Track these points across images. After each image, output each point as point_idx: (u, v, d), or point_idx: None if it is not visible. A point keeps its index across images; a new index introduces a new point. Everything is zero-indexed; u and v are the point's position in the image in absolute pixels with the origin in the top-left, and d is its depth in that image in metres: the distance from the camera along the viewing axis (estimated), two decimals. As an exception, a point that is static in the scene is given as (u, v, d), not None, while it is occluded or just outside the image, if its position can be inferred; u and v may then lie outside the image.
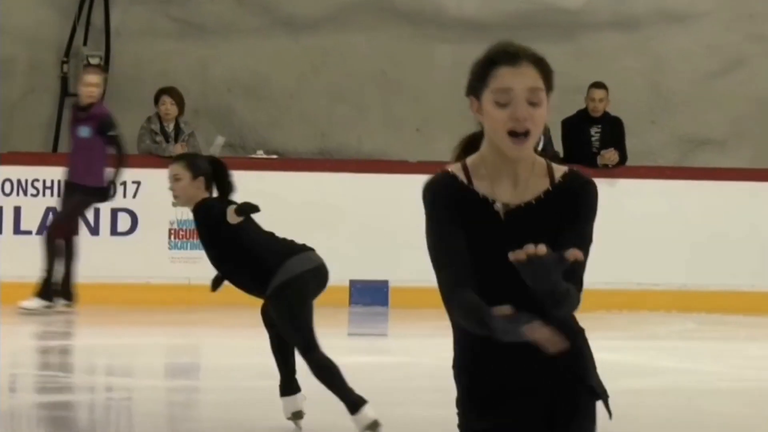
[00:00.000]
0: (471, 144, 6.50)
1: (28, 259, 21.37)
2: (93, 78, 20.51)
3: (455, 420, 10.42)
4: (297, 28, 25.29)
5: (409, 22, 25.31)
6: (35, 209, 22.08)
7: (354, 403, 12.11)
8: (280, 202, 21.54)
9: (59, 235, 21.47)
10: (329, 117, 25.31)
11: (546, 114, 6.33)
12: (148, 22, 25.09)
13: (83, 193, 21.36)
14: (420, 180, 20.54)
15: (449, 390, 14.70)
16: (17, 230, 22.09)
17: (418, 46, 25.31)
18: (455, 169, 6.34)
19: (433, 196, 6.34)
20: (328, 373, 12.32)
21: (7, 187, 22.07)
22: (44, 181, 22.18)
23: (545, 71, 6.42)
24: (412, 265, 20.75)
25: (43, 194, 22.18)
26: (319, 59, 25.24)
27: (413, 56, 25.24)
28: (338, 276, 21.21)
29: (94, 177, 21.33)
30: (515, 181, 6.28)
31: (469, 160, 6.36)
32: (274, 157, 24.01)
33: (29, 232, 21.96)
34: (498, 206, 6.14)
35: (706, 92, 25.59)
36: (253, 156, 23.95)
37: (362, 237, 22.34)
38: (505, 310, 5.99)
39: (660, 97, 25.59)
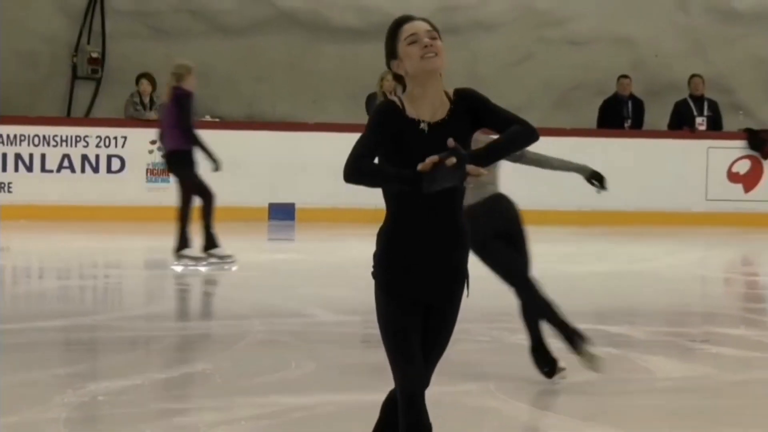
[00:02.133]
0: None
1: (50, 190, 22.05)
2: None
3: (349, 293, 11.08)
4: (231, 33, 25.11)
5: (307, 29, 25.21)
6: (55, 155, 22.20)
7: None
8: (223, 150, 22.67)
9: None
10: (254, 93, 25.03)
11: (442, 48, 6.27)
12: (132, 28, 24.87)
13: None
14: (316, 136, 21.37)
15: (339, 275, 15.09)
16: (43, 169, 22.13)
17: (314, 45, 25.21)
18: (395, 99, 6.16)
19: (378, 116, 6.16)
20: None
21: (36, 140, 22.10)
22: (61, 136, 22.25)
23: (431, 24, 6.32)
24: (311, 193, 22.19)
25: (60, 145, 22.25)
26: (246, 54, 24.97)
27: (310, 51, 25.15)
28: (261, 200, 22.38)
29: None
30: (432, 107, 6.12)
31: (402, 95, 6.19)
32: (218, 120, 23.82)
33: (51, 171, 22.17)
34: (423, 125, 6.03)
35: (508, 77, 25.41)
36: (204, 119, 22.71)
37: (277, 174, 22.55)
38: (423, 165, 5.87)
39: (475, 82, 25.17)
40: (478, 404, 8.48)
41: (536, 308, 9.17)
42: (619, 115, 24.64)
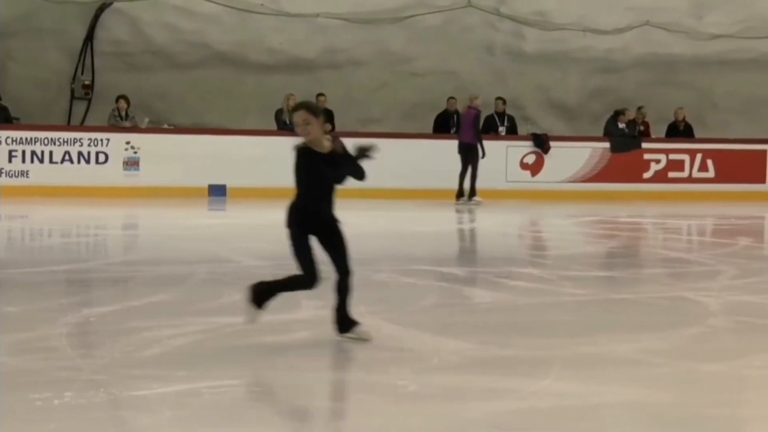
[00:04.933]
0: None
1: (56, 176, 21.63)
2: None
3: (264, 245, 10.96)
4: (182, 67, 24.75)
5: (234, 64, 24.90)
6: (59, 151, 21.69)
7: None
8: (176, 148, 22.18)
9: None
10: (198, 109, 24.58)
11: (312, 125, 6.95)
12: (113, 64, 24.47)
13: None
14: (241, 138, 21.23)
15: (256, 234, 14.98)
16: (51, 161, 21.69)
17: (238, 75, 24.86)
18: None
19: (298, 152, 7.04)
20: None
21: (46, 141, 21.69)
22: (63, 138, 21.79)
23: (310, 109, 6.98)
24: (238, 177, 22.17)
25: (63, 144, 21.71)
26: (193, 82, 24.60)
27: (236, 80, 24.80)
28: (203, 182, 22.38)
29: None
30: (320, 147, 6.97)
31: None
32: (173, 126, 23.49)
33: (57, 162, 21.73)
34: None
35: (372, 98, 25.46)
36: (163, 126, 23.42)
37: (214, 163, 22.11)
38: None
39: (349, 102, 24.92)
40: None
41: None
42: (447, 124, 24.66)
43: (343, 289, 7.55)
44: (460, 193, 22.04)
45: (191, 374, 6.48)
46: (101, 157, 22.15)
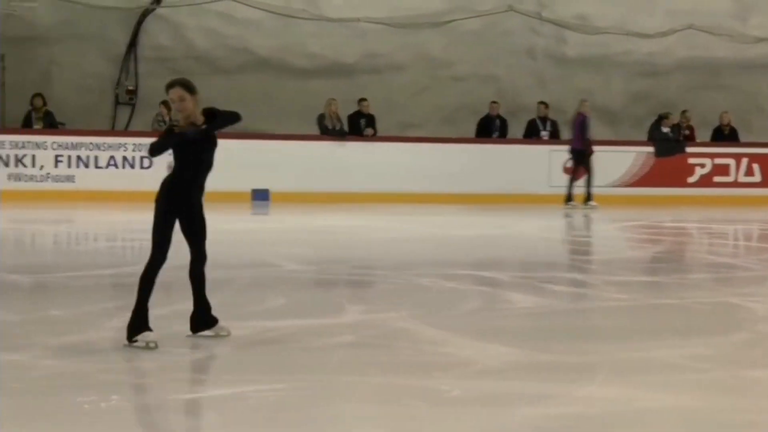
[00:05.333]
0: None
1: (101, 180, 21.74)
2: None
3: (307, 250, 10.90)
4: (223, 72, 24.56)
5: (275, 69, 24.73)
6: (104, 156, 21.74)
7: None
8: (219, 152, 22.68)
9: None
10: (248, 113, 24.79)
11: (187, 102, 7.11)
12: (155, 69, 23.91)
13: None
14: (282, 142, 21.04)
15: (300, 239, 14.98)
16: (96, 166, 21.70)
17: (280, 80, 24.71)
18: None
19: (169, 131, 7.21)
20: None
21: (91, 146, 21.74)
22: (108, 143, 21.83)
23: (186, 86, 7.19)
24: (281, 181, 22.13)
25: (108, 149, 21.75)
26: (234, 87, 23.93)
27: (277, 85, 24.60)
28: (245, 186, 22.43)
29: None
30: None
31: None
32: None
33: (102, 167, 21.71)
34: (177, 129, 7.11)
35: (412, 102, 25.21)
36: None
37: (257, 168, 22.00)
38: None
39: (390, 106, 24.66)
40: (395, 326, 8.38)
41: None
42: (489, 129, 24.60)
43: (199, 277, 7.67)
44: (568, 198, 22.23)
45: (237, 378, 6.50)
46: (145, 162, 22.07)
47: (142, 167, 22.21)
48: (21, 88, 23.19)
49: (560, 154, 23.72)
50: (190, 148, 7.37)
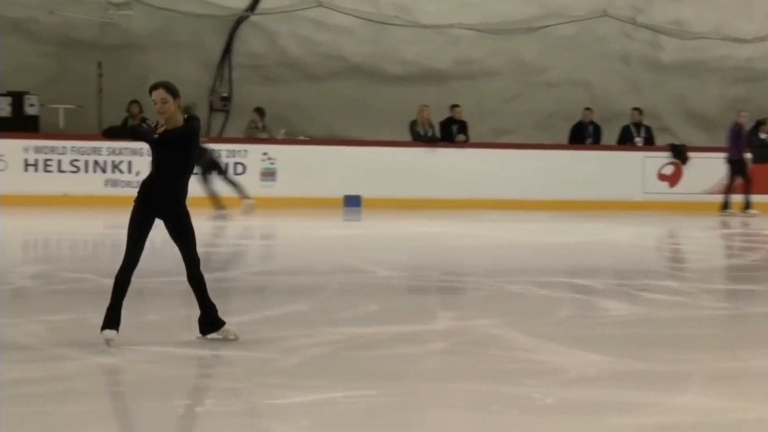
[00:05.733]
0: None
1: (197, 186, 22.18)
2: None
3: (398, 256, 10.92)
4: (315, 79, 24.80)
5: (367, 76, 24.90)
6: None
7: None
8: (311, 158, 22.52)
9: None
10: (332, 120, 24.40)
11: (168, 104, 7.25)
12: (249, 76, 24.57)
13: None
14: (375, 149, 21.15)
15: (391, 244, 14.98)
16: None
17: (372, 87, 24.85)
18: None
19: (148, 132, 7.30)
20: None
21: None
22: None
23: (168, 88, 7.35)
24: (373, 187, 22.37)
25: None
26: (326, 93, 24.52)
27: (370, 91, 24.76)
28: (337, 193, 22.51)
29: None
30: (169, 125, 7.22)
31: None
32: (308, 138, 23.56)
33: (197, 173, 22.37)
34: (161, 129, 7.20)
35: (504, 108, 25.22)
36: (299, 138, 23.45)
37: (348, 174, 22.17)
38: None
39: (482, 112, 24.64)
40: (487, 333, 8.37)
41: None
42: (583, 135, 24.47)
43: (197, 280, 7.60)
44: (725, 205, 22.25)
45: (327, 384, 6.52)
46: (239, 168, 22.29)
47: (235, 173, 22.25)
48: (118, 94, 23.52)
49: (655, 161, 23.53)
50: (166, 149, 7.41)
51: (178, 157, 7.45)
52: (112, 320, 7.45)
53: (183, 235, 7.60)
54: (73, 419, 5.72)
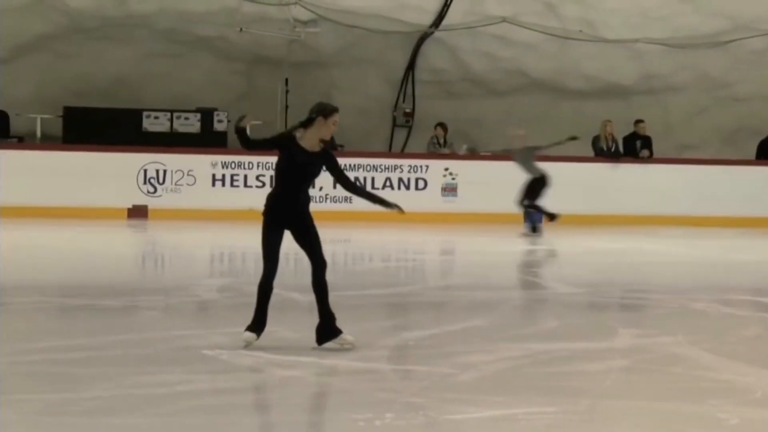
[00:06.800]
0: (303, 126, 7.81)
1: None
2: None
3: (577, 271, 10.76)
4: (497, 94, 24.70)
5: (550, 91, 24.81)
6: (380, 177, 22.08)
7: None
8: (487, 173, 22.69)
9: None
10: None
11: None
12: (432, 92, 24.79)
13: None
14: (557, 165, 20.97)
15: (570, 261, 14.82)
16: (372, 187, 21.37)
17: (554, 102, 24.69)
18: (296, 133, 7.78)
19: (281, 136, 7.88)
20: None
21: (368, 167, 22.03)
22: (384, 164, 22.07)
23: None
24: (556, 203, 21.84)
25: (384, 171, 22.13)
26: (508, 108, 24.44)
27: (552, 107, 24.59)
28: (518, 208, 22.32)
29: None
30: (312, 146, 7.72)
31: (298, 133, 7.77)
32: (488, 153, 22.51)
33: (378, 188, 21.75)
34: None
35: (689, 124, 25.00)
36: (481, 153, 22.46)
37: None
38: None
39: (666, 127, 24.51)
40: (670, 351, 8.21)
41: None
42: (773, 150, 24.10)
43: (322, 286, 7.79)
44: None
45: (507, 399, 6.49)
46: (420, 183, 22.42)
47: (416, 188, 22.52)
48: (303, 110, 23.55)
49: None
50: (293, 162, 7.79)
51: (307, 173, 7.87)
52: (253, 324, 7.79)
53: (308, 240, 7.83)
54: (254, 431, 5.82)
